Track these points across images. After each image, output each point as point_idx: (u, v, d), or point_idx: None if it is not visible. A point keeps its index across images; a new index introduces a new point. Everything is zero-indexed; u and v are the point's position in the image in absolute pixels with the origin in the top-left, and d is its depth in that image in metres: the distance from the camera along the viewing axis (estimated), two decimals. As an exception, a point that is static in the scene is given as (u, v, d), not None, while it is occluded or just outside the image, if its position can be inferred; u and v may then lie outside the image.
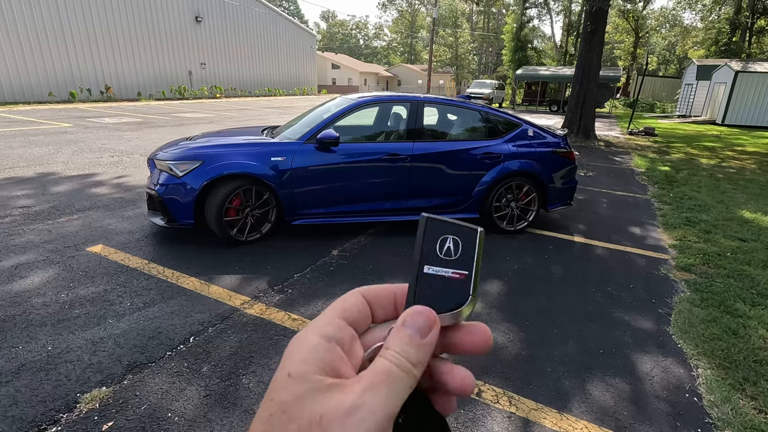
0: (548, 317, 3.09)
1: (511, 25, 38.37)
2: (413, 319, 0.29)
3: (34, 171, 6.22)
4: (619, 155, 10.89)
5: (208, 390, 2.20)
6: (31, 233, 3.99)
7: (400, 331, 0.28)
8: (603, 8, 12.05)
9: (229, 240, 3.91)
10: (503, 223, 4.68)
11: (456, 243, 0.31)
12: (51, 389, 2.14)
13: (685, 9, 40.47)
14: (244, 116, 15.75)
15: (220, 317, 2.84)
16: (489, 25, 63.76)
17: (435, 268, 0.31)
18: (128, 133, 10.22)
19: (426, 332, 0.29)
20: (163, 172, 3.87)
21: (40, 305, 2.84)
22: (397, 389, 0.26)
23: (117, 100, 20.68)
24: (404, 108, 4.56)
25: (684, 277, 3.84)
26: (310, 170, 4.08)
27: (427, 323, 0.29)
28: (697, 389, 2.42)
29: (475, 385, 0.30)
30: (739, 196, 6.91)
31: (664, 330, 3.00)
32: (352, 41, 79.73)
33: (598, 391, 2.36)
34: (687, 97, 26.39)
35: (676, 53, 49.99)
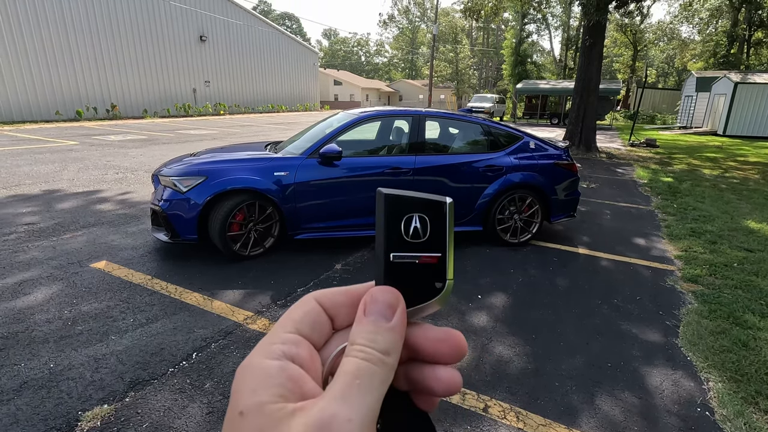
0: (554, 330, 3.05)
1: (511, 40, 38.90)
2: (372, 305, 0.26)
3: (40, 188, 6.27)
4: (621, 167, 10.89)
5: (210, 407, 2.17)
6: (36, 250, 4.01)
7: (361, 322, 0.25)
8: (601, 22, 12.21)
9: (232, 255, 3.91)
10: (507, 235, 4.66)
11: (423, 221, 0.27)
12: (52, 407, 2.12)
13: (682, 23, 40.98)
14: (248, 132, 15.91)
15: (223, 333, 2.82)
16: (488, 40, 64.70)
17: (402, 254, 0.27)
18: (133, 150, 10.33)
19: (390, 314, 0.25)
20: (167, 187, 3.90)
21: (43, 322, 2.84)
22: (371, 386, 0.23)
23: (122, 117, 20.97)
24: (406, 122, 4.60)
25: (691, 289, 3.80)
26: (313, 185, 4.09)
27: (389, 304, 0.26)
28: (709, 403, 2.37)
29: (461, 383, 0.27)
30: (744, 206, 6.87)
31: (672, 342, 2.95)
32: (354, 58, 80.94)
33: (607, 406, 2.31)
34: (687, 109, 26.51)
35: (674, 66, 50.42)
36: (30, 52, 17.60)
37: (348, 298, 0.28)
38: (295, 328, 0.26)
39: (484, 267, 4.13)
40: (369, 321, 0.25)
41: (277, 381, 0.22)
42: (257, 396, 0.22)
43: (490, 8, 15.73)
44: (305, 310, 0.27)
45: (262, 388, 0.22)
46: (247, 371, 0.23)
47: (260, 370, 0.23)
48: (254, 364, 0.24)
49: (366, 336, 0.24)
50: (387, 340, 0.24)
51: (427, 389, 0.27)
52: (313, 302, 0.27)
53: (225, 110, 27.39)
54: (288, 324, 0.26)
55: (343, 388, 0.22)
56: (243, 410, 0.22)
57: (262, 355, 0.24)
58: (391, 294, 0.26)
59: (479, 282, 3.78)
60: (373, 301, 0.26)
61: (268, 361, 0.23)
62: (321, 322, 0.27)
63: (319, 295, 0.28)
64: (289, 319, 0.26)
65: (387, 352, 0.24)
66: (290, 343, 0.25)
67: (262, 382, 0.22)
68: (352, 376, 0.23)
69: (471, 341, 2.89)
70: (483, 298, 3.50)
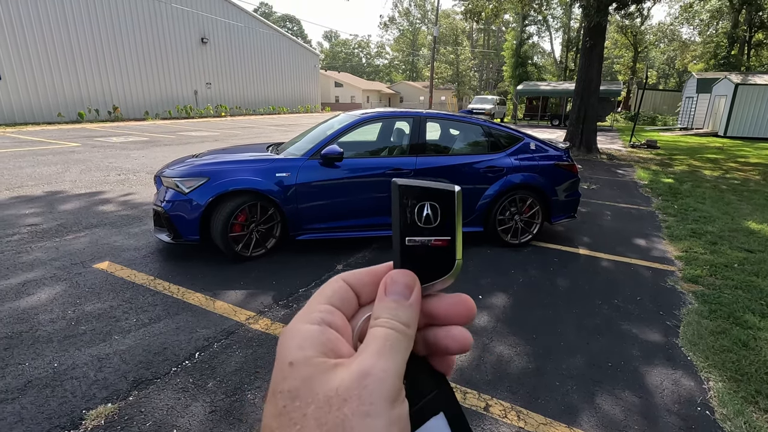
0: (555, 330, 3.06)
1: (511, 42, 38.97)
2: (393, 286, 0.29)
3: (43, 190, 6.30)
4: (622, 168, 10.90)
5: (213, 406, 2.19)
6: (39, 251, 4.03)
7: (383, 300, 0.29)
8: (601, 24, 12.24)
9: (234, 255, 3.92)
10: (507, 236, 4.67)
11: (434, 208, 0.30)
12: (56, 406, 2.14)
13: (682, 24, 40.99)
14: (249, 134, 15.95)
15: (226, 333, 2.84)
16: (489, 42, 64.81)
17: (416, 239, 0.30)
18: (135, 152, 10.36)
19: (408, 293, 0.29)
20: (169, 188, 3.92)
21: (46, 322, 2.86)
22: (399, 349, 0.26)
23: (124, 119, 21.04)
24: (407, 123, 4.62)
25: (691, 289, 3.81)
26: (314, 185, 4.12)
27: (407, 285, 0.29)
28: (709, 402, 2.38)
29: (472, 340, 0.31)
30: (745, 207, 6.88)
31: (672, 342, 2.96)
32: (355, 60, 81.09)
33: (608, 405, 2.32)
34: (688, 110, 26.51)
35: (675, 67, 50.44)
36: (32, 54, 17.67)
37: (371, 278, 0.32)
38: (329, 301, 0.29)
39: (485, 268, 4.14)
40: (390, 299, 0.29)
41: (319, 341, 0.26)
42: (304, 351, 0.26)
43: (491, 10, 15.77)
44: (335, 287, 0.31)
45: (308, 345, 0.26)
46: (293, 332, 0.27)
47: (304, 331, 0.27)
48: (298, 328, 0.27)
49: (389, 312, 0.28)
50: (407, 315, 0.28)
51: (443, 349, 0.30)
52: (341, 281, 0.31)
53: (226, 112, 27.46)
54: (321, 298, 0.30)
55: (378, 347, 0.26)
56: (293, 361, 0.25)
57: (304, 320, 0.28)
58: (408, 276, 0.30)
59: (480, 282, 3.80)
60: (393, 282, 0.30)
61: (309, 325, 0.27)
62: (349, 298, 0.31)
63: (346, 275, 0.32)
64: (322, 295, 0.30)
65: (408, 325, 0.28)
66: (326, 312, 0.28)
67: (307, 340, 0.26)
68: (383, 340, 0.26)
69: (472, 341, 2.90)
70: (484, 298, 3.51)
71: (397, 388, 0.25)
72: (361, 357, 0.25)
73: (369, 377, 0.24)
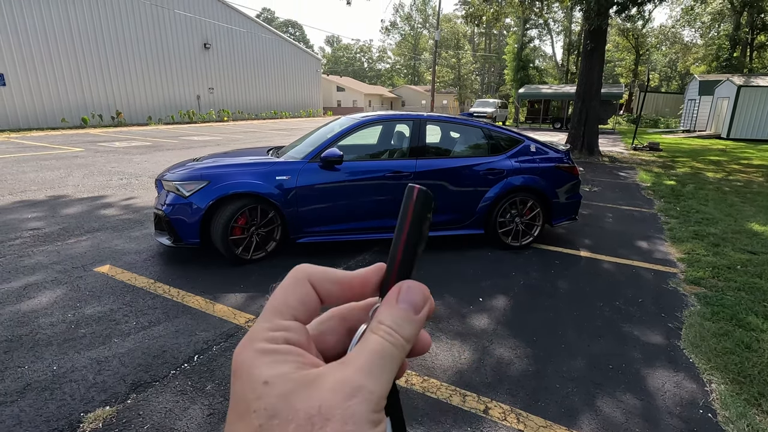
0: (555, 332, 3.04)
1: (513, 45, 39.07)
2: (408, 294, 0.27)
3: (45, 194, 6.34)
4: (624, 170, 10.87)
5: (212, 408, 2.18)
6: (41, 254, 4.05)
7: (393, 306, 0.27)
8: (602, 27, 12.24)
9: (235, 259, 3.93)
10: (508, 238, 4.66)
11: None
12: (55, 409, 2.14)
13: (684, 27, 40.98)
14: (251, 138, 16.01)
15: (225, 335, 2.84)
16: (491, 45, 64.97)
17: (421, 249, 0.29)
18: (137, 157, 10.42)
19: (420, 308, 0.27)
20: (170, 192, 3.94)
21: (47, 325, 2.86)
22: (391, 367, 0.25)
23: (127, 124, 21.17)
24: (407, 126, 4.63)
25: (693, 291, 3.78)
26: (314, 189, 4.12)
27: (422, 298, 0.28)
28: (711, 405, 2.35)
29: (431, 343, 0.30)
30: (748, 209, 6.84)
31: (674, 344, 2.94)
32: (357, 64, 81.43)
33: (609, 408, 2.30)
34: (690, 112, 26.44)
35: (677, 69, 50.37)
36: (36, 60, 17.83)
37: (341, 290, 0.29)
38: (292, 315, 0.27)
39: (485, 270, 4.13)
40: (400, 308, 0.27)
41: (291, 358, 0.24)
42: (278, 367, 0.24)
43: (492, 14, 15.81)
44: (301, 296, 0.28)
45: (280, 362, 0.24)
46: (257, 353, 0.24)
47: (271, 350, 0.24)
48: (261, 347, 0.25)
49: (394, 321, 0.26)
50: (410, 329, 0.26)
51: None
52: (308, 287, 0.28)
53: (228, 117, 27.59)
54: (285, 309, 0.27)
55: (370, 364, 0.24)
56: (267, 380, 0.23)
57: (265, 339, 0.25)
58: (425, 290, 0.28)
59: (481, 285, 3.78)
60: (408, 291, 0.28)
61: (275, 345, 0.25)
62: (314, 307, 0.28)
63: (313, 275, 0.28)
64: (285, 304, 0.27)
65: (408, 340, 0.26)
66: (292, 330, 0.26)
67: (278, 359, 0.24)
68: (378, 355, 0.25)
69: (472, 343, 2.89)
70: (484, 300, 3.50)
71: (380, 407, 0.24)
72: (350, 370, 0.24)
73: (355, 398, 0.23)
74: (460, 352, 2.77)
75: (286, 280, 0.28)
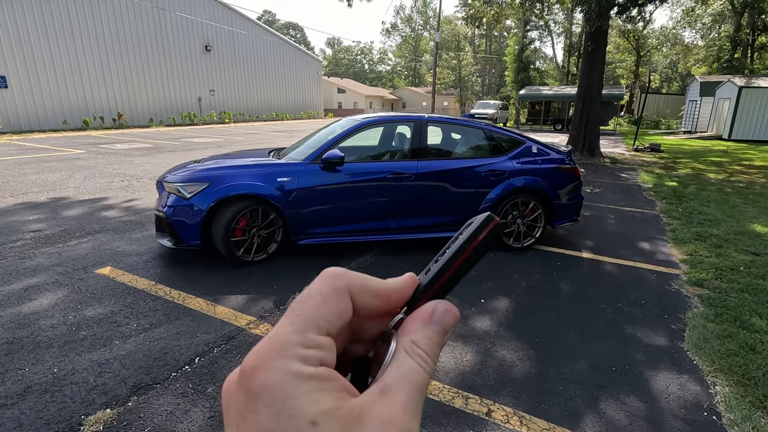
0: (558, 334, 3.03)
1: (513, 47, 39.08)
2: (444, 316, 0.26)
3: (47, 196, 6.34)
4: (625, 171, 10.86)
5: (212, 411, 2.17)
6: (42, 256, 4.04)
7: (427, 326, 0.25)
8: (603, 28, 12.24)
9: (236, 260, 3.92)
10: (510, 240, 4.65)
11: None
12: (56, 411, 2.13)
13: (685, 28, 40.98)
14: (252, 140, 16.03)
15: (226, 337, 2.83)
16: (491, 47, 65.01)
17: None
18: (139, 158, 10.43)
19: (448, 332, 0.26)
20: (171, 194, 3.93)
21: (47, 327, 2.85)
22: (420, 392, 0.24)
23: (129, 126, 21.20)
24: (408, 127, 4.62)
25: (696, 292, 3.76)
26: (315, 190, 4.11)
27: (452, 323, 0.26)
28: (716, 407, 2.34)
29: None
30: (750, 210, 6.82)
31: (678, 346, 2.92)
32: (357, 66, 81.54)
33: (612, 410, 2.29)
34: (691, 114, 26.41)
35: (678, 71, 50.35)
36: (38, 62, 17.88)
37: (380, 304, 0.27)
38: (327, 331, 0.24)
39: (487, 271, 4.11)
40: (434, 331, 0.25)
41: (331, 385, 0.22)
42: (323, 401, 0.21)
43: (492, 16, 15.82)
44: (340, 311, 0.25)
45: (323, 393, 0.21)
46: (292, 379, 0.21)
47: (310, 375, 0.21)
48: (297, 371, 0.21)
49: (428, 344, 0.25)
50: (437, 352, 0.25)
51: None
52: (348, 300, 0.25)
53: (230, 119, 27.62)
54: (320, 322, 0.24)
55: (414, 402, 0.23)
56: (315, 419, 0.20)
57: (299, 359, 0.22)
58: (457, 315, 0.27)
59: (482, 286, 3.77)
60: (444, 313, 0.26)
61: (310, 368, 0.22)
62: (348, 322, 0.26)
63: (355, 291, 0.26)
64: (321, 317, 0.24)
65: (435, 362, 0.25)
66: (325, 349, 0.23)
67: (320, 386, 0.21)
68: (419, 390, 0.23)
69: (474, 345, 2.87)
70: (486, 302, 3.48)
71: None
72: (394, 408, 0.22)
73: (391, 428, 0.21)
74: (462, 354, 2.76)
75: (324, 288, 0.25)
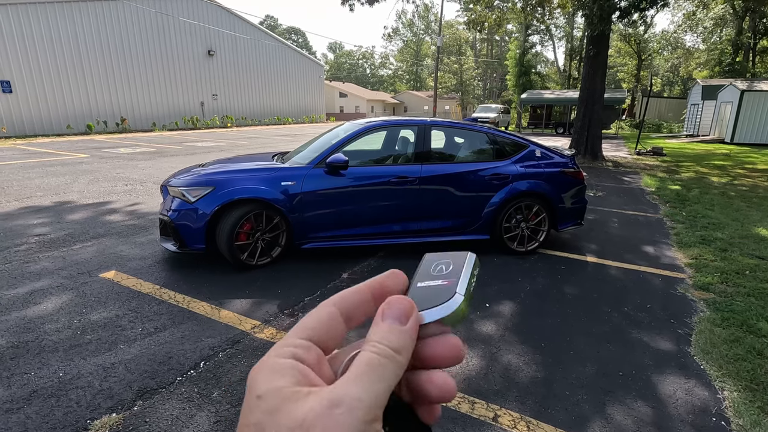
0: (564, 339, 3.01)
1: (514, 51, 39.17)
2: (389, 311, 0.28)
3: (51, 200, 6.37)
4: (628, 175, 10.84)
5: (218, 416, 2.16)
6: (46, 260, 4.05)
7: (377, 325, 0.28)
8: (604, 32, 12.27)
9: (240, 264, 3.92)
10: (514, 243, 4.64)
11: (448, 264, 0.33)
12: (61, 416, 2.12)
13: (686, 32, 41.02)
14: (255, 144, 16.07)
15: (231, 342, 2.82)
16: (492, 51, 65.19)
17: (426, 282, 0.32)
18: (142, 163, 10.47)
19: (405, 319, 0.28)
20: (175, 198, 3.94)
21: (52, 331, 2.86)
22: (381, 376, 0.24)
23: (132, 131, 21.30)
24: (411, 131, 4.63)
25: (702, 297, 3.74)
26: (319, 194, 4.12)
27: (404, 309, 0.28)
28: (724, 413, 2.32)
29: (456, 390, 0.29)
30: (754, 213, 6.79)
31: (684, 351, 2.90)
32: (359, 70, 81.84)
33: (620, 415, 2.27)
34: (693, 117, 26.40)
35: (679, 74, 50.36)
36: (42, 67, 18.02)
37: (361, 295, 0.30)
38: (307, 335, 0.27)
39: (491, 276, 4.10)
40: (385, 324, 0.27)
41: (290, 373, 0.25)
42: (274, 382, 0.24)
43: (494, 20, 15.88)
44: (320, 317, 0.29)
45: (278, 378, 0.24)
46: (263, 365, 0.26)
47: (273, 364, 0.25)
48: (268, 362, 0.26)
49: (380, 335, 0.27)
50: (399, 340, 0.27)
51: (423, 394, 0.28)
52: (329, 307, 0.29)
53: (232, 123, 27.73)
54: (300, 331, 0.28)
55: (356, 373, 0.24)
56: (260, 394, 0.24)
57: (275, 355, 0.26)
58: (405, 302, 0.29)
59: (487, 290, 3.76)
60: (389, 307, 0.28)
61: (280, 359, 0.26)
62: (335, 327, 0.29)
63: (336, 299, 0.30)
64: (302, 327, 0.28)
65: (398, 351, 0.26)
66: (301, 347, 0.27)
67: (277, 373, 0.25)
68: (365, 365, 0.25)
69: (479, 349, 2.86)
70: (491, 306, 3.47)
71: (369, 419, 0.23)
72: (337, 383, 0.24)
73: (339, 407, 0.22)
74: (467, 358, 2.74)
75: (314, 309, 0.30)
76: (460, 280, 0.31)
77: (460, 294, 0.30)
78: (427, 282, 0.32)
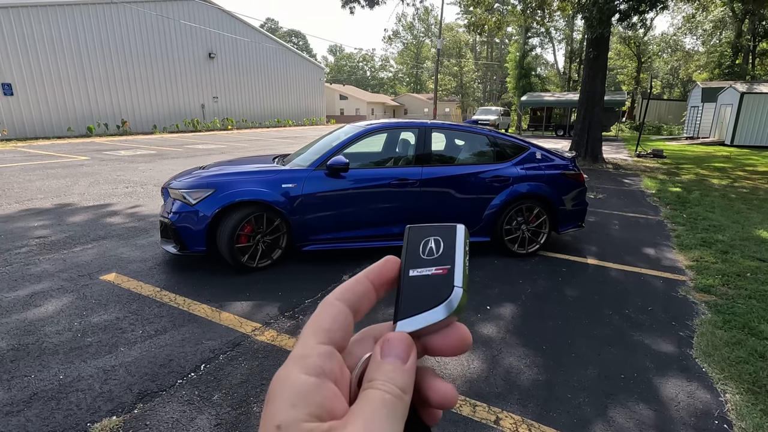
0: (565, 341, 3.01)
1: (514, 53, 39.24)
2: (389, 348, 0.28)
3: (52, 202, 6.37)
4: (629, 177, 10.84)
5: (219, 419, 2.15)
6: (47, 263, 4.05)
7: (380, 364, 0.27)
8: (604, 35, 12.29)
9: (240, 266, 3.92)
10: (515, 246, 4.63)
11: (437, 242, 0.32)
12: (62, 419, 2.12)
13: (685, 34, 41.11)
14: (255, 146, 16.09)
15: (231, 344, 2.82)
16: (492, 54, 65.32)
17: (419, 270, 0.31)
18: (143, 165, 10.48)
19: (406, 357, 0.27)
20: (176, 200, 3.94)
21: (53, 333, 2.85)
22: (396, 415, 0.25)
23: (132, 133, 21.32)
24: (412, 134, 4.63)
25: (704, 299, 3.74)
26: (320, 196, 4.12)
27: (405, 348, 0.28)
28: (727, 415, 2.31)
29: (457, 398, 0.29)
30: (755, 215, 6.79)
31: (686, 353, 2.89)
32: (359, 73, 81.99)
33: (622, 418, 2.26)
34: (693, 119, 26.43)
35: (679, 77, 50.44)
36: (44, 70, 18.05)
37: (363, 287, 0.31)
38: (328, 338, 0.27)
39: (492, 278, 4.10)
40: (387, 362, 0.27)
41: (314, 400, 0.24)
42: (296, 411, 0.23)
43: (494, 23, 15.92)
44: (333, 315, 0.28)
45: (300, 405, 0.24)
46: (287, 384, 0.25)
47: (300, 385, 0.24)
48: (293, 378, 0.25)
49: (385, 375, 0.26)
50: (403, 379, 0.26)
51: (424, 399, 0.28)
52: (338, 304, 0.29)
53: (233, 125, 27.76)
54: (320, 333, 0.27)
55: (375, 413, 0.24)
56: (279, 424, 0.23)
57: (300, 368, 0.25)
58: (405, 339, 0.28)
59: (487, 293, 3.75)
60: (389, 345, 0.28)
61: (305, 376, 0.25)
62: (347, 323, 0.29)
63: (341, 294, 0.30)
64: (320, 328, 0.28)
65: (404, 390, 0.26)
66: (325, 356, 0.26)
67: (300, 397, 0.24)
68: (380, 403, 0.25)
69: (481, 352, 2.86)
70: (492, 308, 3.47)
71: None
72: (354, 425, 0.23)
73: None
74: (469, 361, 2.74)
75: (315, 310, 0.29)
76: (456, 267, 0.30)
77: (459, 287, 0.29)
78: (420, 270, 0.31)
